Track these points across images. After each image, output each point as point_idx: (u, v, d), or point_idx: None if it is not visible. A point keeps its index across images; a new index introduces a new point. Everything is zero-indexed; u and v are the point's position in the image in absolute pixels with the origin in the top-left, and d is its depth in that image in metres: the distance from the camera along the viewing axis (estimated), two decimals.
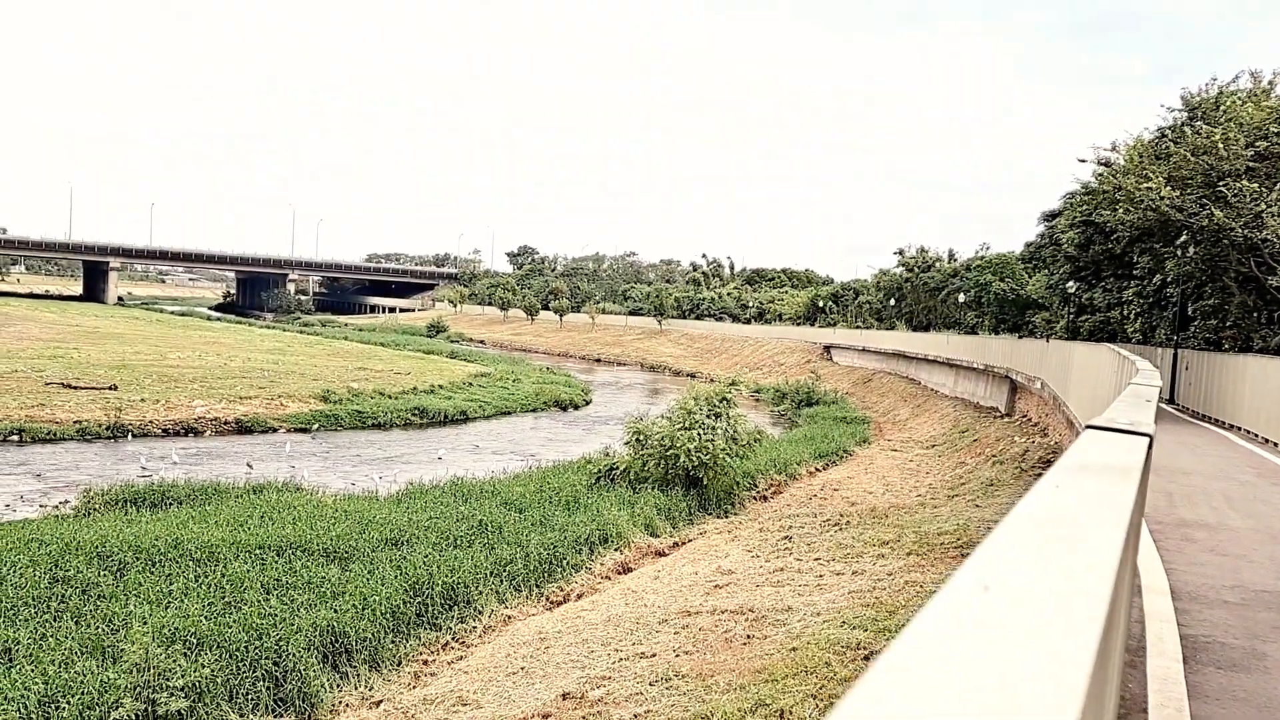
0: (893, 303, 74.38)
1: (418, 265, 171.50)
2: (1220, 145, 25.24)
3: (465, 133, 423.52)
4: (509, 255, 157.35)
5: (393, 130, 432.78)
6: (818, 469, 28.74)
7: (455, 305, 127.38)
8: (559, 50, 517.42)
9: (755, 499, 23.90)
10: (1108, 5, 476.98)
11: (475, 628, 13.86)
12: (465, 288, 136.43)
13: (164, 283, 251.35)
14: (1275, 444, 18.49)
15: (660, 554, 18.34)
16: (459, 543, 16.38)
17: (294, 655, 11.49)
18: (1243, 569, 8.16)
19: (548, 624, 13.69)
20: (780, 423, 44.29)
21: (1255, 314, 28.32)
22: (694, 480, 22.08)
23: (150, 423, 31.31)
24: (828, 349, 68.94)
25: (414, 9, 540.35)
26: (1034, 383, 28.07)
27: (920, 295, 71.33)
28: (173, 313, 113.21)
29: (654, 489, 21.46)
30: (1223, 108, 29.00)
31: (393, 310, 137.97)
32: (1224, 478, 13.75)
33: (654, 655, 11.06)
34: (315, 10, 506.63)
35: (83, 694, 10.04)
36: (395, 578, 14.07)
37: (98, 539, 14.74)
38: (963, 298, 62.02)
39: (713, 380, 45.35)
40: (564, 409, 46.06)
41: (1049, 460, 21.10)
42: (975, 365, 39.29)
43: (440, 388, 44.59)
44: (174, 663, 10.45)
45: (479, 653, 12.90)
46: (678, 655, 10.92)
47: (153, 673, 10.11)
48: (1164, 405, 25.26)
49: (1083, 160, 38.04)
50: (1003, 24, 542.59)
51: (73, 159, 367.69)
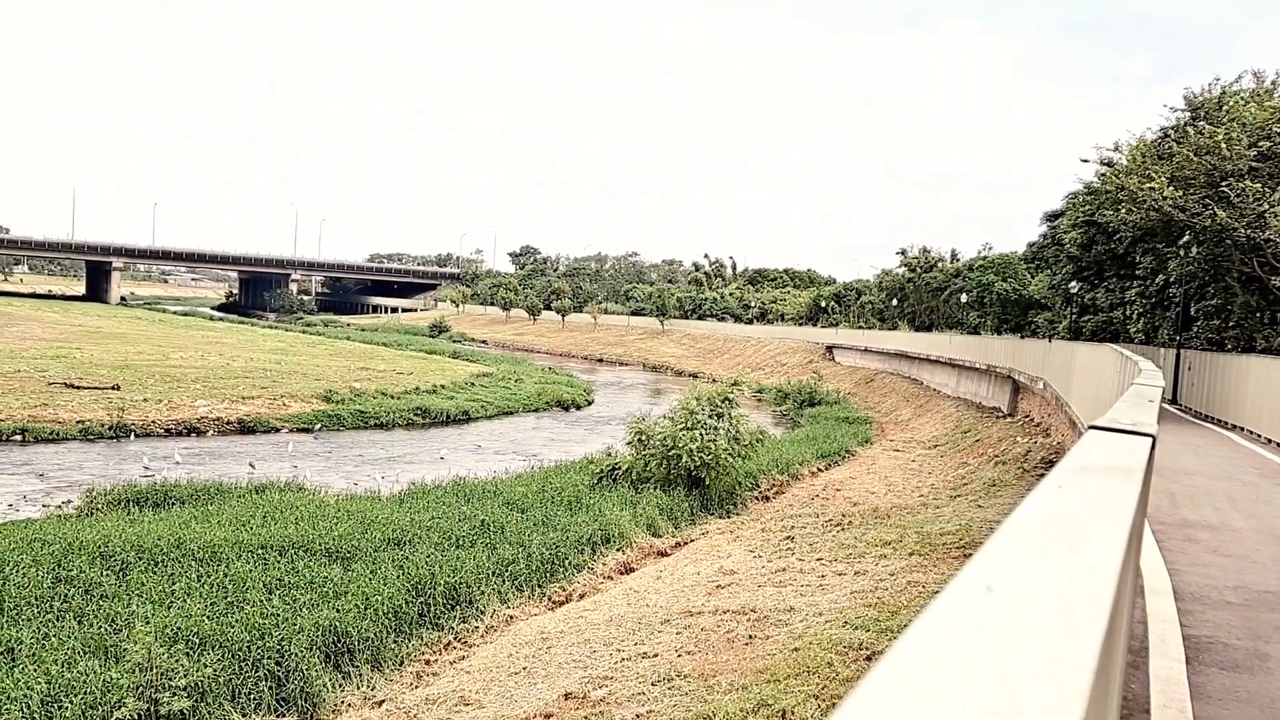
0: (895, 303, 74.37)
1: (420, 265, 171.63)
2: (1223, 145, 25.23)
3: (465, 133, 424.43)
4: (511, 255, 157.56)
5: (393, 130, 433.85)
6: (820, 469, 28.74)
7: (457, 305, 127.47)
8: (559, 50, 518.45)
9: (757, 499, 23.90)
10: (1108, 5, 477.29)
11: (477, 628, 13.87)
12: (468, 288, 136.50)
13: (166, 283, 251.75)
14: (1278, 444, 18.47)
15: (662, 554, 18.34)
16: (461, 543, 16.39)
17: (296, 655, 11.51)
18: (1246, 570, 8.16)
19: (550, 624, 13.69)
20: (782, 423, 44.28)
21: (1258, 314, 28.28)
22: (696, 480, 22.08)
23: (153, 423, 31.35)
24: (830, 349, 68.93)
25: (414, 9, 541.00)
26: (1036, 383, 28.05)
27: (923, 295, 71.32)
28: (175, 313, 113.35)
29: (656, 489, 21.46)
30: (1225, 108, 28.99)
31: (395, 310, 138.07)
32: (1227, 478, 13.73)
33: (656, 655, 11.06)
34: (315, 10, 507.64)
35: (85, 694, 10.06)
36: (397, 577, 14.08)
37: (100, 539, 14.77)
38: (965, 298, 61.99)
39: (715, 380, 45.37)
40: (566, 409, 46.07)
41: (1051, 461, 21.08)
42: (978, 365, 39.26)
43: (442, 388, 44.61)
44: (176, 662, 10.47)
45: (481, 653, 12.91)
46: (680, 655, 10.92)
47: (155, 672, 10.12)
48: (1167, 406, 25.24)
49: (1085, 160, 37.95)
50: (1003, 24, 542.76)
51: (74, 159, 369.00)
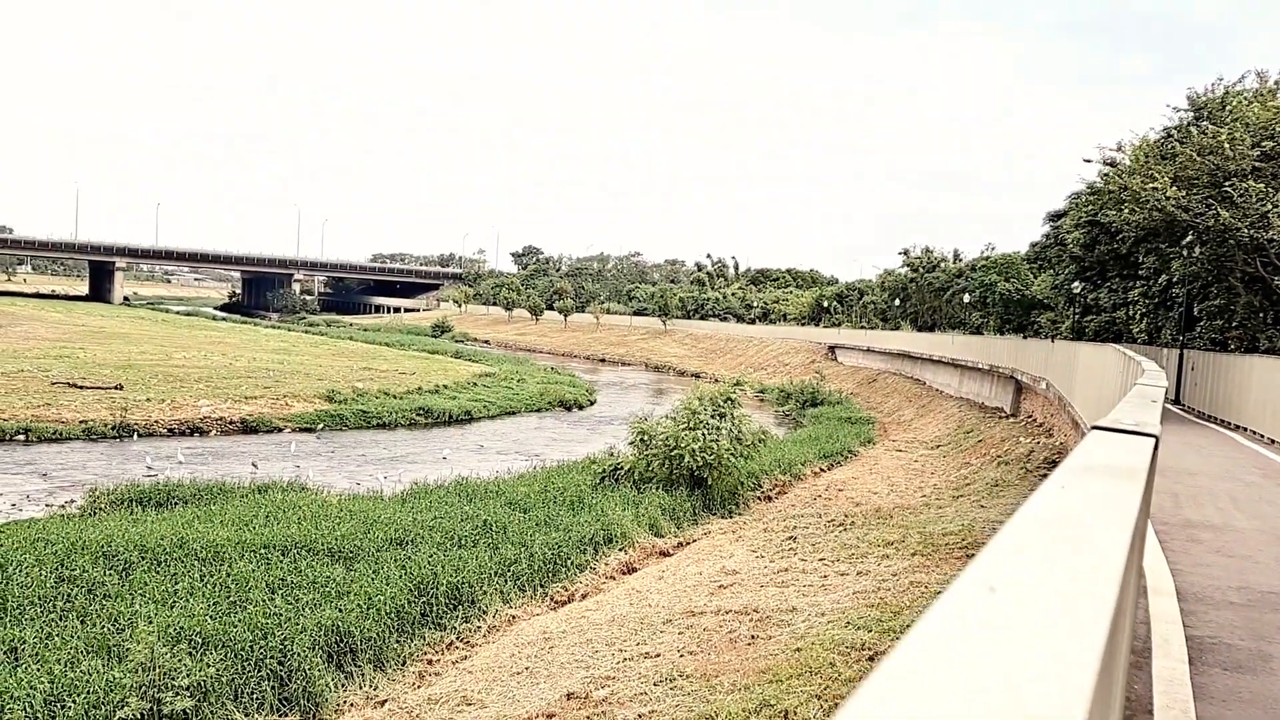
0: (898, 303, 74.32)
1: (422, 265, 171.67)
2: (1226, 145, 25.19)
3: (465, 133, 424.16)
4: (514, 255, 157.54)
5: (393, 130, 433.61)
6: (822, 469, 28.73)
7: (460, 305, 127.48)
8: (559, 50, 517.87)
9: (760, 499, 23.89)
10: (1108, 5, 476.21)
11: (480, 627, 13.88)
12: (470, 288, 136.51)
13: (169, 283, 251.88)
14: None
15: (665, 554, 18.34)
16: (464, 543, 16.40)
17: (299, 655, 11.52)
18: (1249, 570, 8.14)
19: (552, 624, 13.69)
20: (785, 423, 44.26)
21: (1261, 314, 28.23)
22: (698, 480, 22.07)
23: (156, 422, 31.39)
24: (832, 349, 68.90)
25: (414, 9, 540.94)
26: (1039, 383, 28.03)
27: (925, 295, 71.27)
28: (178, 313, 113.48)
29: (658, 489, 21.46)
30: (1229, 108, 28.94)
31: (397, 310, 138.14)
32: (1230, 478, 13.71)
33: (658, 655, 11.06)
34: (315, 10, 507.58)
35: (88, 693, 10.08)
36: (400, 577, 14.09)
37: (103, 538, 14.79)
38: (968, 298, 61.93)
39: (717, 380, 45.34)
40: (568, 409, 46.08)
41: (1054, 461, 21.06)
42: (980, 365, 39.23)
43: (445, 388, 44.63)
44: (179, 662, 10.48)
45: (483, 652, 12.91)
46: (682, 655, 10.92)
47: (158, 672, 10.14)
48: (1170, 406, 25.21)
49: (1088, 160, 37.92)
50: (1003, 24, 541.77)
51: (75, 159, 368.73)
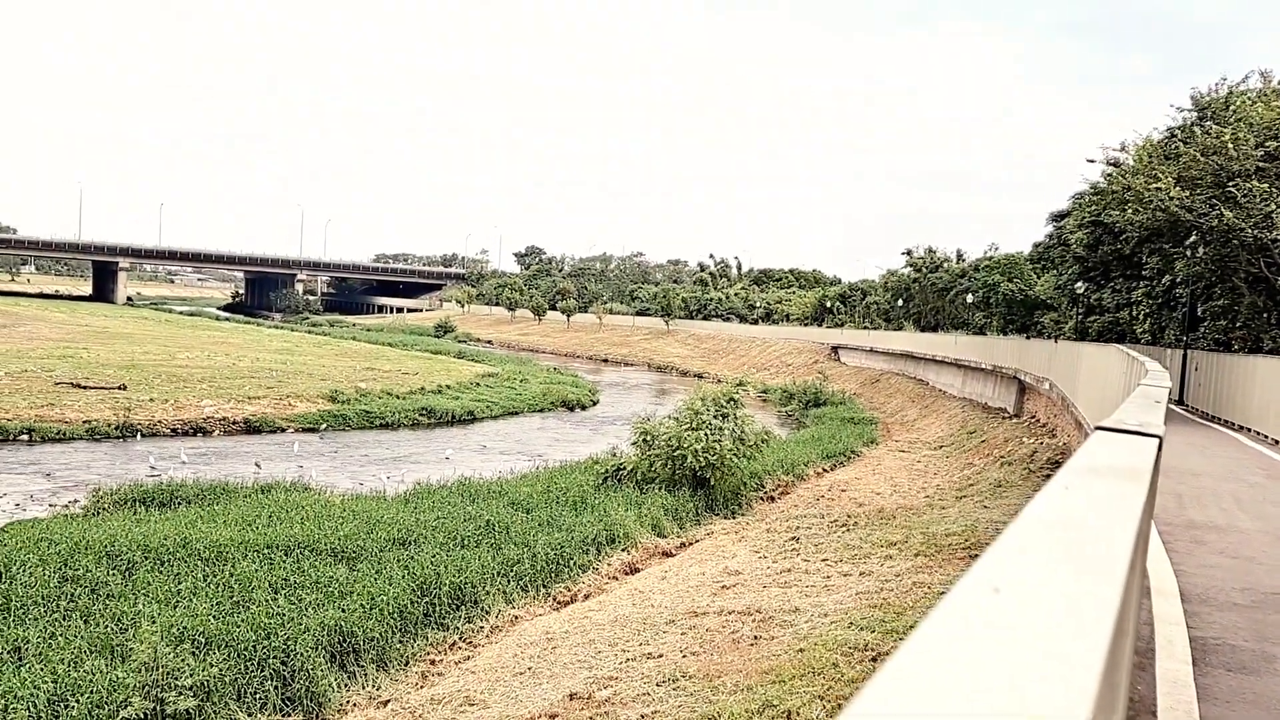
0: (901, 303, 74.24)
1: (425, 265, 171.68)
2: (1230, 145, 25.15)
3: (465, 133, 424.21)
4: (516, 255, 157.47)
5: (393, 130, 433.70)
6: (825, 470, 28.71)
7: (463, 305, 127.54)
8: (559, 50, 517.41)
9: (762, 500, 23.88)
10: (1108, 5, 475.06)
11: (482, 628, 13.89)
12: (473, 288, 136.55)
13: (173, 283, 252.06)
14: None
15: (667, 554, 18.34)
16: (466, 543, 16.41)
17: (302, 655, 11.53)
18: (1253, 571, 8.13)
19: (555, 624, 13.70)
20: (787, 423, 44.24)
21: (1265, 315, 28.18)
22: (701, 481, 22.07)
23: (159, 422, 31.43)
24: (835, 349, 68.86)
25: (414, 9, 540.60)
26: (1042, 383, 28.00)
27: (928, 296, 71.18)
28: (181, 313, 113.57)
29: (661, 489, 21.46)
30: (1232, 108, 28.91)
31: (400, 310, 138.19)
32: (1234, 479, 13.69)
33: (661, 656, 11.06)
34: (315, 10, 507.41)
35: (92, 693, 10.09)
36: (403, 578, 14.10)
37: (107, 538, 14.81)
38: (971, 298, 61.85)
39: (720, 381, 45.30)
40: (571, 409, 46.09)
41: (1057, 461, 21.04)
42: (983, 366, 39.20)
43: (448, 388, 44.66)
44: (182, 662, 10.49)
45: (486, 653, 12.92)
46: (685, 656, 10.92)
47: (161, 672, 10.15)
48: (1173, 406, 25.17)
49: (1092, 160, 37.89)
50: (1003, 24, 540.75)
51: (77, 160, 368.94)
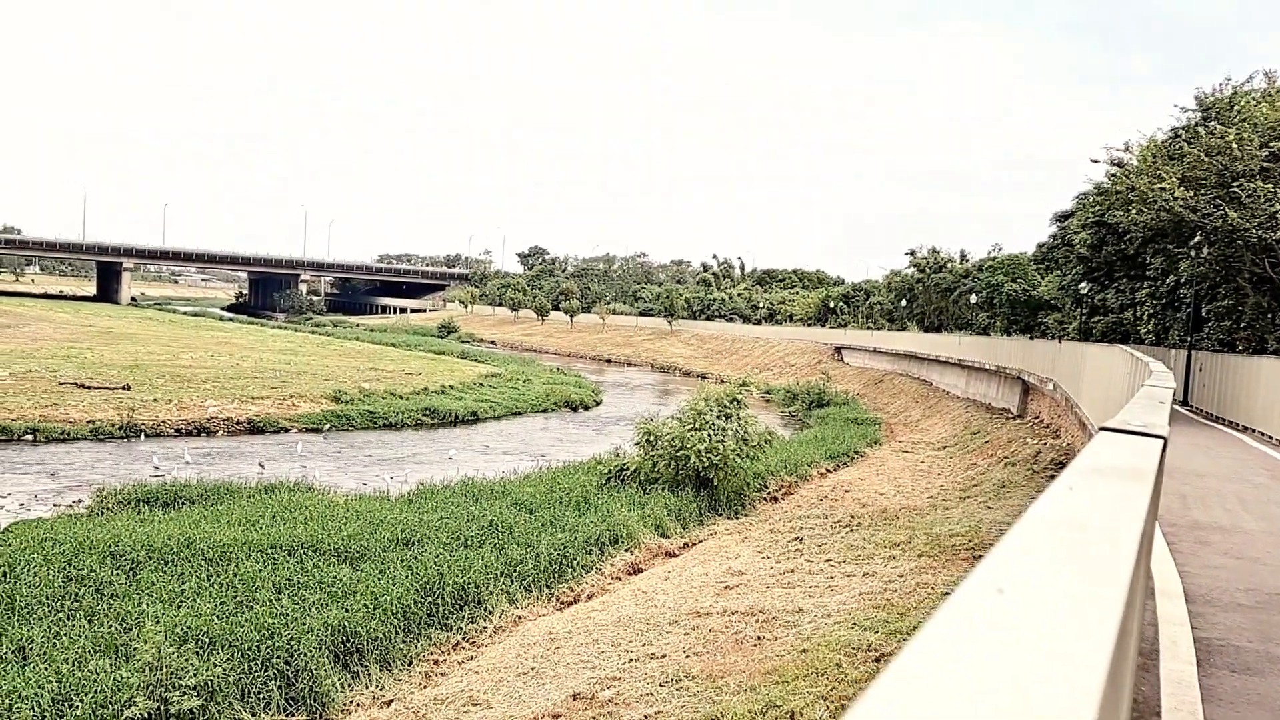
0: (904, 304, 74.15)
1: (429, 266, 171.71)
2: (1234, 145, 25.11)
3: (465, 133, 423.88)
4: (519, 256, 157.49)
5: (393, 130, 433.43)
6: (829, 470, 28.68)
7: (466, 306, 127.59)
8: (559, 50, 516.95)
9: (766, 500, 23.86)
10: (1108, 5, 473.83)
11: (486, 628, 13.89)
12: (476, 288, 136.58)
13: (176, 283, 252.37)
14: None
15: (670, 555, 18.33)
16: (470, 543, 16.42)
17: (305, 654, 11.54)
18: (1257, 572, 8.12)
19: (558, 624, 13.70)
20: (791, 424, 44.22)
21: (1270, 315, 28.12)
22: (704, 481, 22.06)
23: (163, 422, 31.48)
24: (839, 350, 68.81)
25: (414, 9, 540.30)
26: (1046, 384, 27.96)
27: (932, 296, 71.08)
28: (185, 313, 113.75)
29: (664, 490, 21.46)
30: (1237, 108, 28.85)
31: (404, 311, 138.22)
32: (1238, 480, 13.66)
33: (664, 656, 11.06)
34: (315, 10, 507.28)
35: (96, 692, 10.11)
36: (406, 578, 14.11)
37: (111, 538, 14.83)
38: (975, 299, 61.77)
39: (723, 381, 45.29)
40: (574, 409, 46.10)
41: (1061, 462, 21.01)
42: (987, 366, 39.15)
43: (451, 388, 44.68)
44: (186, 662, 10.51)
45: (489, 653, 12.92)
46: (688, 656, 10.92)
47: (165, 671, 10.16)
48: (1177, 407, 25.12)
49: (1095, 161, 37.89)
50: (1003, 24, 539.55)
51: (79, 160, 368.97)
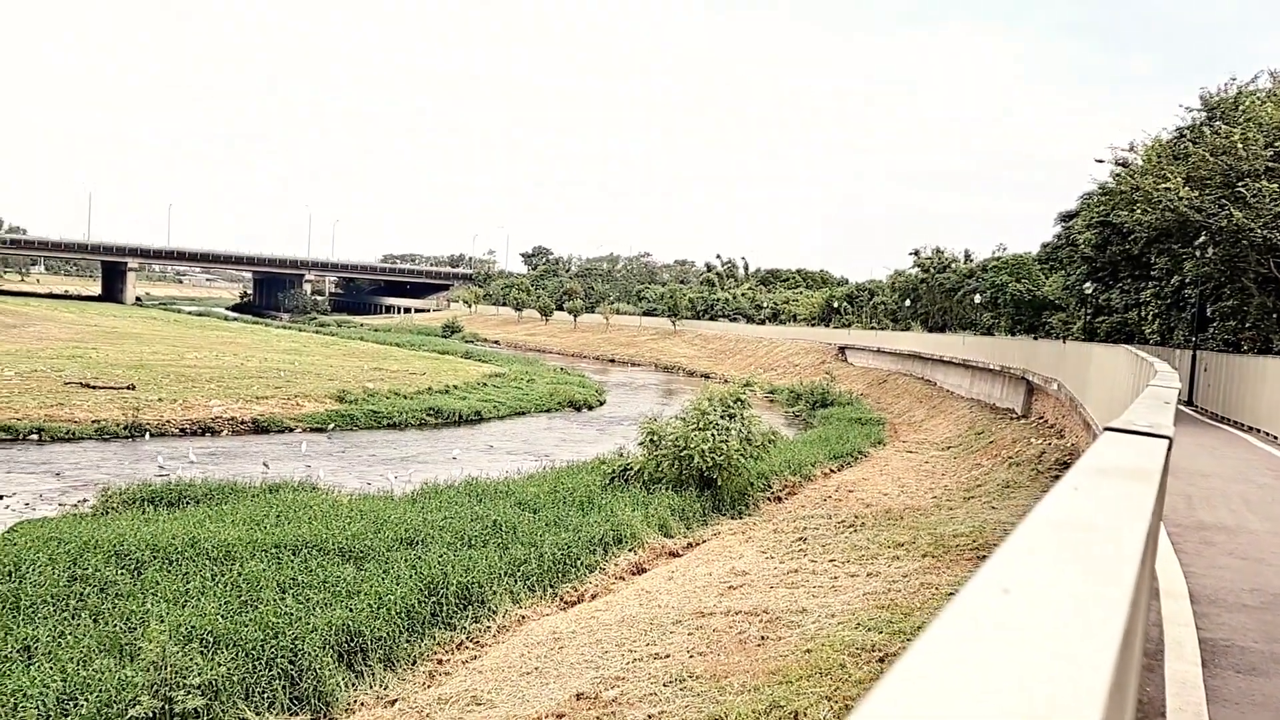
0: (908, 304, 74.09)
1: (433, 266, 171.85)
2: (1239, 145, 25.07)
3: (466, 133, 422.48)
4: (523, 256, 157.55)
5: (393, 130, 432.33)
6: (832, 470, 28.66)
7: (470, 306, 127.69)
8: (559, 50, 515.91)
9: (769, 500, 23.86)
10: (1108, 5, 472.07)
11: (489, 627, 13.90)
12: (480, 288, 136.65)
13: (181, 283, 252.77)
14: None
15: (674, 555, 18.33)
16: (473, 543, 16.42)
17: (309, 654, 11.55)
18: (1262, 572, 8.10)
19: (562, 624, 13.71)
20: (795, 424, 44.19)
21: (1275, 315, 28.07)
22: (708, 481, 22.06)
23: (168, 422, 31.53)
24: (842, 350, 68.76)
25: (414, 9, 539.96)
26: (1050, 384, 27.91)
27: (936, 296, 71.01)
28: (190, 313, 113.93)
29: (668, 489, 21.45)
30: (1242, 108, 28.81)
31: (408, 311, 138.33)
32: (1243, 480, 13.64)
33: (668, 656, 11.06)
34: (315, 10, 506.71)
35: (101, 692, 10.12)
36: (410, 577, 14.12)
37: (115, 538, 14.86)
38: (979, 299, 61.71)
39: (727, 381, 45.32)
40: (578, 409, 46.11)
41: (1066, 462, 20.98)
42: (991, 366, 39.10)
43: (455, 388, 44.72)
44: (191, 661, 10.52)
45: (493, 652, 12.93)
46: (692, 656, 10.92)
47: (170, 671, 10.18)
48: (1182, 407, 25.08)
49: (1100, 160, 37.81)
50: (1003, 24, 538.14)
51: (80, 160, 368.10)
